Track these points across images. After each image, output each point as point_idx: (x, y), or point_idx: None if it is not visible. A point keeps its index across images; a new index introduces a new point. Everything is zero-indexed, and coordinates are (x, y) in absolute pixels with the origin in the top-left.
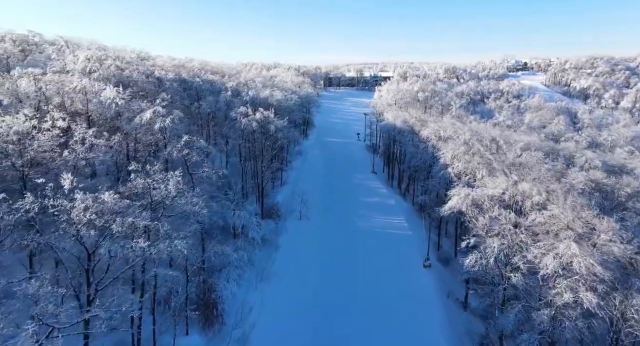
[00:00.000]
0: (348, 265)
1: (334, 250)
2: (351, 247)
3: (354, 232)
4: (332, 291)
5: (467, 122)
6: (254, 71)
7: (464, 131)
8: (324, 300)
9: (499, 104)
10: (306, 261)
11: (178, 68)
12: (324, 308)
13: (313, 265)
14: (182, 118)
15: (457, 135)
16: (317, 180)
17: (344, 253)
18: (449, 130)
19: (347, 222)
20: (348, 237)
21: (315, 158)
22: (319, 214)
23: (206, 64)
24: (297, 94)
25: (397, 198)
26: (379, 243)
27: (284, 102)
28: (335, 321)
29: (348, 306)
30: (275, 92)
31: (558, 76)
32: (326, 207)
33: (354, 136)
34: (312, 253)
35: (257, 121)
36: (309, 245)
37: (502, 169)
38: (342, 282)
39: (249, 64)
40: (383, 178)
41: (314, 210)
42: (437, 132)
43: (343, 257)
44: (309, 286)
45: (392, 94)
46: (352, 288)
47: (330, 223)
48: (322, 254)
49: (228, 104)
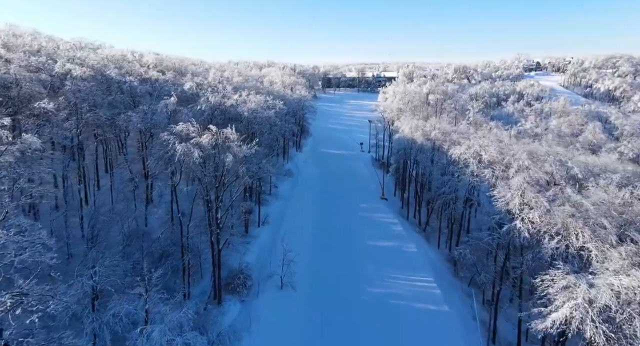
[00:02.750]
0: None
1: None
2: (360, 341)
3: (363, 308)
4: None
5: (487, 128)
6: (254, 71)
7: (518, 153)
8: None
9: (518, 108)
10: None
11: (113, 62)
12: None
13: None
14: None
15: (503, 157)
16: (310, 213)
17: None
18: (493, 150)
19: (353, 289)
20: (354, 319)
21: (310, 180)
22: (311, 277)
23: (163, 59)
24: (286, 99)
25: (418, 241)
26: (400, 329)
27: (262, 113)
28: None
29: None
30: (253, 97)
31: (578, 76)
32: (322, 262)
33: (357, 146)
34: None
35: (204, 147)
36: (294, 338)
37: (614, 230)
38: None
39: (241, 62)
40: (395, 206)
41: (303, 271)
42: (474, 151)
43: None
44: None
45: (399, 97)
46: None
47: (327, 292)
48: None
49: (172, 116)
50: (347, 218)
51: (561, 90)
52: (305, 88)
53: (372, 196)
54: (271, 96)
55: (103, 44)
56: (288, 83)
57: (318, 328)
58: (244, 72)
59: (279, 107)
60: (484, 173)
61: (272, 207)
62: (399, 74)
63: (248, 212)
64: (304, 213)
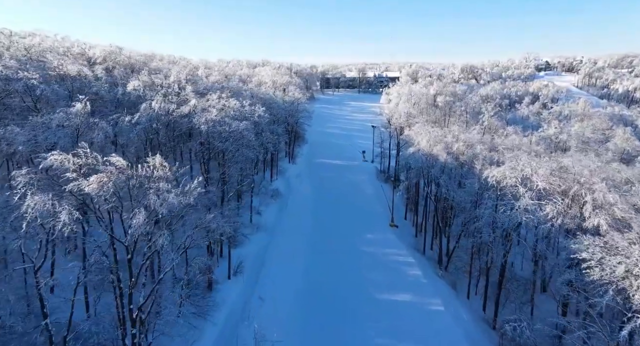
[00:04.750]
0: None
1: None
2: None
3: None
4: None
5: (504, 134)
6: (244, 70)
7: (589, 179)
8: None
9: (534, 110)
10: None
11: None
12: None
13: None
14: None
15: (561, 187)
16: (300, 253)
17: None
18: (542, 174)
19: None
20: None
21: (302, 201)
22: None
23: (115, 52)
24: (274, 103)
25: (443, 292)
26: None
27: (229, 125)
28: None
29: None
30: (223, 103)
31: (593, 76)
32: (314, 334)
33: (358, 155)
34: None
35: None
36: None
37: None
38: None
39: (233, 61)
40: (408, 236)
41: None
42: (522, 174)
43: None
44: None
45: (404, 98)
46: None
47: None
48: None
49: (85, 132)
50: (348, 257)
51: (576, 91)
52: (299, 89)
53: (379, 222)
54: (256, 99)
55: (45, 33)
56: (280, 83)
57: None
58: (232, 71)
59: (258, 115)
60: (545, 211)
61: (251, 245)
62: (402, 74)
63: (207, 270)
64: (293, 253)
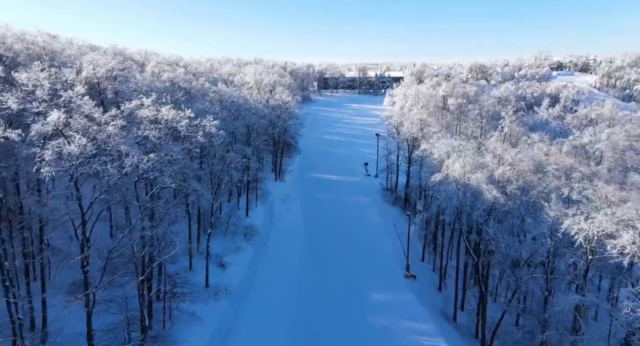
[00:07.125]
0: None
1: None
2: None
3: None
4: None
5: (527, 143)
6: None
7: None
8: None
9: (554, 113)
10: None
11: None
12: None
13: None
14: None
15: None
16: (279, 335)
17: None
18: None
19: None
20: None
21: (288, 240)
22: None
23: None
24: (255, 110)
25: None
26: None
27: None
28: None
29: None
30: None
31: (613, 76)
32: None
33: (359, 168)
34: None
35: None
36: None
37: None
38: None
39: (223, 59)
40: (430, 293)
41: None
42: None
43: None
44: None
45: (411, 101)
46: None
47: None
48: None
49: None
50: (351, 341)
51: (596, 93)
52: (289, 90)
53: (390, 270)
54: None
55: None
56: (266, 84)
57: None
58: (207, 69)
59: (204, 132)
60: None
61: (204, 327)
62: (406, 74)
63: None
64: (273, 328)
